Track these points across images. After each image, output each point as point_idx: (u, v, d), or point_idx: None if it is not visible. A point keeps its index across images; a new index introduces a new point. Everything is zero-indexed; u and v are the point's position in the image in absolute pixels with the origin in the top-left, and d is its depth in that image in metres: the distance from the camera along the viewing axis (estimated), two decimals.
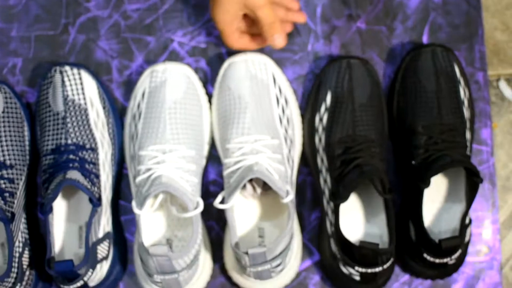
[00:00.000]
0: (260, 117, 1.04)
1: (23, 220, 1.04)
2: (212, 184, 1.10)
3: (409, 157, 1.04)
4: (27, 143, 1.08)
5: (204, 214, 1.05)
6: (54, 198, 0.98)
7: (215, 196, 1.04)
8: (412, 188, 1.02)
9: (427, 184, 0.99)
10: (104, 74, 1.11)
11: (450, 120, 1.03)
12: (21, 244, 1.02)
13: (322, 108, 1.07)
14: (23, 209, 1.05)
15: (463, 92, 1.06)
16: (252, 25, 1.05)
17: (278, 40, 1.02)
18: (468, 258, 1.08)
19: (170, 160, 1.01)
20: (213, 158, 1.09)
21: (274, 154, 1.02)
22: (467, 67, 1.11)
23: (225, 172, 1.02)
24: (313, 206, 1.10)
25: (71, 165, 1.02)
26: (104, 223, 1.04)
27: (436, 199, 1.06)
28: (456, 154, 1.00)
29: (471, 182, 1.00)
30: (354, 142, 1.03)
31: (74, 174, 1.00)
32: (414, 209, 1.01)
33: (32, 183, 1.09)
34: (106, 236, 1.04)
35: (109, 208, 1.06)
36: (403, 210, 1.05)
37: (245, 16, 1.04)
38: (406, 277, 1.08)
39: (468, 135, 1.05)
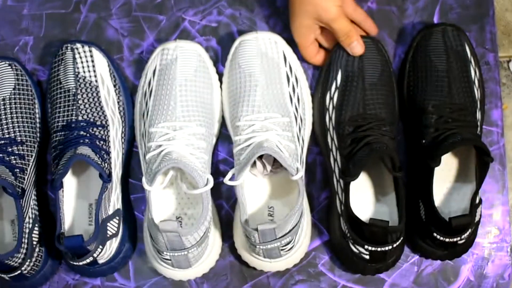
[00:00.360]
0: (271, 95, 1.04)
1: (33, 196, 1.04)
2: (222, 163, 1.10)
3: (420, 136, 1.03)
4: (37, 120, 1.08)
5: (213, 193, 1.05)
6: (64, 173, 0.98)
7: (225, 175, 1.04)
8: (423, 167, 1.02)
9: (437, 163, 0.99)
10: (115, 53, 1.12)
11: (461, 100, 1.03)
12: (31, 220, 1.02)
13: (333, 87, 1.07)
14: (33, 186, 1.05)
15: (473, 72, 1.06)
16: (331, 38, 1.09)
17: (357, 48, 1.05)
18: (478, 240, 1.08)
19: (180, 137, 1.01)
20: (223, 137, 1.09)
21: (284, 131, 1.02)
22: (477, 47, 1.11)
23: (235, 150, 1.02)
24: (323, 186, 1.10)
25: (81, 141, 1.02)
26: (114, 200, 1.04)
27: (446, 179, 1.06)
28: (467, 133, 1.00)
29: (481, 161, 1.00)
30: (364, 120, 1.03)
31: (84, 150, 1.00)
32: (424, 188, 1.01)
33: (42, 160, 1.09)
34: (116, 213, 1.04)
35: (119, 185, 1.06)
36: (413, 190, 1.05)
37: (323, 29, 1.08)
38: (415, 257, 1.08)
39: (478, 115, 1.05)
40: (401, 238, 1.00)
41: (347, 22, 1.05)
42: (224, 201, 1.09)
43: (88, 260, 1.00)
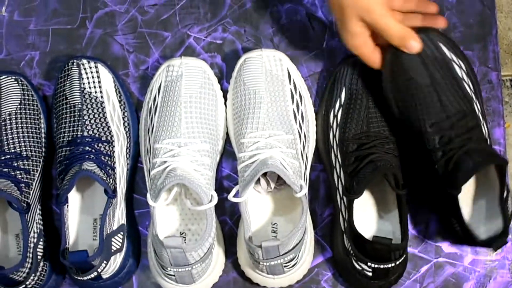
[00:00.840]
0: (275, 112, 1.05)
1: (38, 211, 1.05)
2: (226, 179, 1.11)
3: (429, 161, 1.01)
4: (43, 135, 1.09)
5: (217, 209, 1.05)
6: (69, 189, 0.99)
7: (229, 191, 1.05)
8: (444, 194, 1.01)
9: (459, 190, 0.98)
10: (121, 69, 1.12)
11: (456, 108, 0.99)
12: (35, 235, 1.02)
13: (337, 105, 1.07)
14: (38, 201, 1.05)
15: (459, 70, 1.03)
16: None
17: (414, 45, 0.98)
18: (480, 257, 1.09)
19: (185, 153, 1.02)
20: (227, 153, 1.10)
21: (288, 149, 1.02)
22: (480, 66, 1.12)
23: (240, 166, 1.02)
24: (326, 203, 1.10)
25: (87, 156, 1.02)
26: (119, 216, 1.05)
27: (470, 197, 1.06)
28: (474, 148, 0.97)
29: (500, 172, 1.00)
30: (368, 138, 1.04)
31: (90, 165, 1.01)
32: (453, 213, 1.01)
33: (47, 175, 1.10)
34: (120, 228, 1.04)
35: (124, 200, 1.07)
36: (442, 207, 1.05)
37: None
38: (418, 275, 1.08)
39: (478, 112, 1.02)
40: (404, 256, 1.01)
41: (395, 20, 0.96)
42: (228, 217, 1.10)
43: (92, 275, 1.00)
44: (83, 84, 1.07)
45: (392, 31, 0.96)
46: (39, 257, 1.02)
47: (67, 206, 1.02)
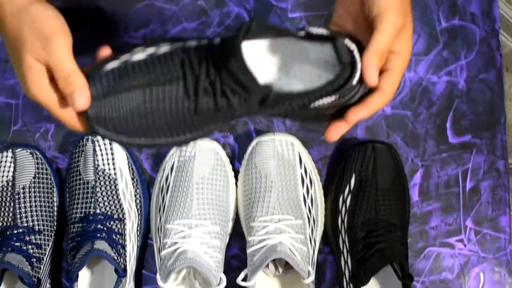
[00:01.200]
0: (285, 197, 1.06)
1: (48, 285, 1.06)
2: (234, 258, 1.12)
3: None
4: (55, 208, 1.10)
5: None
6: (81, 267, 1.00)
7: (236, 271, 1.06)
8: None
9: None
10: None
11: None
12: None
13: (346, 190, 1.09)
14: (48, 275, 1.07)
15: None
16: None
17: (78, 103, 0.75)
18: None
19: (195, 235, 1.03)
20: (237, 232, 1.11)
21: (297, 234, 1.04)
22: (488, 155, 1.14)
23: (249, 250, 1.04)
24: (332, 285, 1.11)
25: (98, 234, 1.04)
26: None
27: None
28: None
29: None
30: (376, 226, 1.05)
31: (101, 245, 1.02)
32: None
33: (58, 248, 1.11)
34: None
35: (133, 279, 1.08)
36: None
37: None
38: None
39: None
40: None
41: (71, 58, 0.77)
42: None
43: None
44: (97, 161, 1.08)
45: (61, 69, 0.76)
46: None
47: (77, 282, 1.03)
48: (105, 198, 1.07)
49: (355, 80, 0.73)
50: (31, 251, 1.05)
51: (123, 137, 0.75)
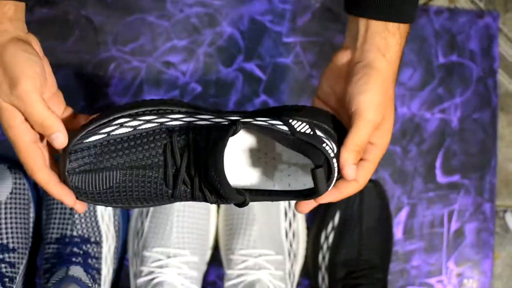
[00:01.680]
0: (267, 230, 1.04)
1: None
2: (212, 285, 1.10)
3: None
4: (31, 225, 1.08)
5: None
6: None
7: None
8: None
9: None
10: None
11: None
12: None
13: (329, 227, 1.07)
14: None
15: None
16: None
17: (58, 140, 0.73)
18: None
19: (173, 265, 1.01)
20: (214, 258, 1.09)
21: (277, 270, 1.02)
22: (476, 196, 1.12)
23: (226, 284, 1.02)
24: None
25: (74, 259, 1.01)
26: None
27: None
28: None
29: None
30: (357, 266, 1.04)
31: (76, 271, 1.00)
32: None
33: (31, 264, 1.09)
34: None
35: None
36: None
37: None
38: None
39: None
40: None
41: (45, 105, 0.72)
42: None
43: None
44: None
45: (34, 114, 0.72)
46: None
47: None
48: (82, 220, 1.05)
49: (330, 187, 0.72)
50: (4, 270, 1.02)
51: (101, 204, 0.74)
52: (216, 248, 1.09)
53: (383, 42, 0.78)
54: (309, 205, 0.80)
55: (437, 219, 1.12)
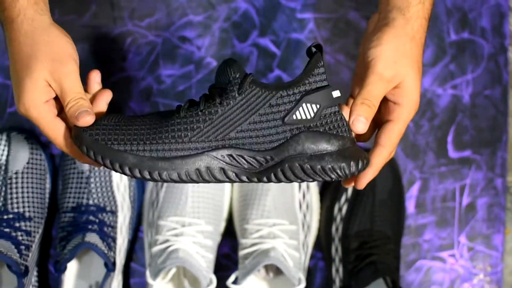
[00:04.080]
0: (281, 201, 1.05)
1: (35, 273, 1.05)
2: (225, 257, 1.11)
3: None
4: (47, 195, 1.09)
5: None
6: (70, 259, 0.99)
7: (225, 270, 1.05)
8: None
9: None
10: None
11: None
12: None
13: (343, 199, 1.08)
14: (36, 263, 1.05)
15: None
16: None
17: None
18: None
19: (188, 234, 1.02)
20: (228, 232, 1.10)
21: (291, 240, 1.03)
22: (487, 172, 1.13)
23: (241, 252, 1.03)
24: None
25: (90, 226, 1.02)
26: (115, 287, 1.04)
27: None
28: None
29: None
30: (371, 237, 1.05)
31: (92, 237, 1.01)
32: None
33: (47, 234, 1.10)
34: None
35: (121, 272, 1.07)
36: None
37: None
38: None
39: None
40: None
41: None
42: None
43: None
44: None
45: (73, 91, 0.78)
46: None
47: (65, 273, 1.02)
48: (98, 189, 1.06)
49: None
50: (20, 238, 1.03)
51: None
52: (229, 221, 1.10)
53: (404, 2, 0.80)
54: (351, 183, 0.81)
55: (449, 194, 1.13)
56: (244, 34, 1.13)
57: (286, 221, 1.04)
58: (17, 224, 1.03)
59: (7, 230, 1.02)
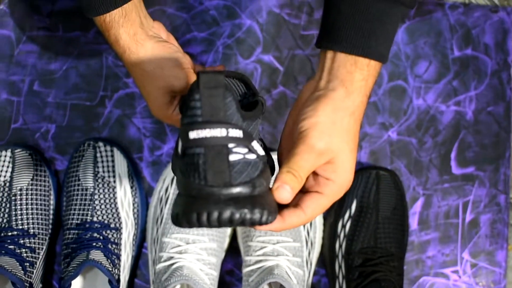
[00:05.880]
0: None
1: None
2: (229, 274, 1.11)
3: None
4: (51, 211, 1.09)
5: None
6: (75, 276, 0.99)
7: (229, 286, 1.06)
8: None
9: None
10: (135, 152, 1.12)
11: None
12: None
13: (346, 215, 1.08)
14: (40, 279, 1.05)
15: None
16: None
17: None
18: None
19: (192, 251, 1.02)
20: (232, 248, 1.10)
21: (294, 257, 1.03)
22: (490, 188, 1.13)
23: (245, 270, 1.03)
24: None
25: (94, 243, 1.02)
26: None
27: None
28: None
29: None
30: (374, 254, 1.05)
31: (97, 255, 1.01)
32: None
33: (51, 250, 1.10)
34: None
35: None
36: None
37: None
38: None
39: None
40: None
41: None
42: None
43: None
44: (97, 168, 1.07)
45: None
46: None
47: None
48: (103, 206, 1.06)
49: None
50: (25, 255, 1.03)
51: None
52: (233, 237, 1.10)
53: (348, 76, 0.77)
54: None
55: (452, 210, 1.13)
56: (248, 50, 1.13)
57: (290, 238, 1.04)
58: (21, 241, 1.04)
59: (11, 247, 1.03)
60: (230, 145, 0.67)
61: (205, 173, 0.66)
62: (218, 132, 0.66)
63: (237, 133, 0.67)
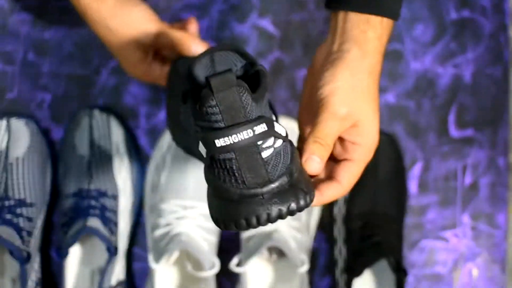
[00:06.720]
0: None
1: (37, 259, 1.04)
2: (228, 240, 1.11)
3: None
4: (48, 181, 1.08)
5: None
6: (72, 244, 0.99)
7: (228, 252, 1.05)
8: None
9: None
10: (131, 120, 1.12)
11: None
12: (33, 284, 1.02)
13: None
14: (38, 249, 1.05)
15: None
16: None
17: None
18: None
19: (190, 217, 1.02)
20: None
21: (293, 221, 1.03)
22: (489, 150, 1.13)
23: (244, 235, 1.03)
24: (324, 272, 1.11)
25: (92, 211, 1.02)
26: (118, 272, 1.04)
27: None
28: None
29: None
30: (373, 217, 1.04)
31: (94, 222, 1.01)
32: None
33: (48, 221, 1.09)
34: (119, 284, 1.04)
35: (124, 257, 1.06)
36: None
37: None
38: None
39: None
40: None
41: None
42: (225, 278, 1.10)
43: None
44: (93, 136, 1.06)
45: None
46: None
47: (67, 258, 1.02)
48: (99, 174, 1.05)
49: None
50: (22, 224, 1.03)
51: None
52: None
53: (361, 35, 0.77)
54: None
55: (451, 173, 1.13)
56: (243, 16, 1.12)
57: None
58: (18, 210, 1.03)
59: (8, 216, 1.02)
60: (259, 142, 0.65)
61: (242, 177, 0.65)
62: (245, 134, 0.65)
63: (262, 128, 0.65)
